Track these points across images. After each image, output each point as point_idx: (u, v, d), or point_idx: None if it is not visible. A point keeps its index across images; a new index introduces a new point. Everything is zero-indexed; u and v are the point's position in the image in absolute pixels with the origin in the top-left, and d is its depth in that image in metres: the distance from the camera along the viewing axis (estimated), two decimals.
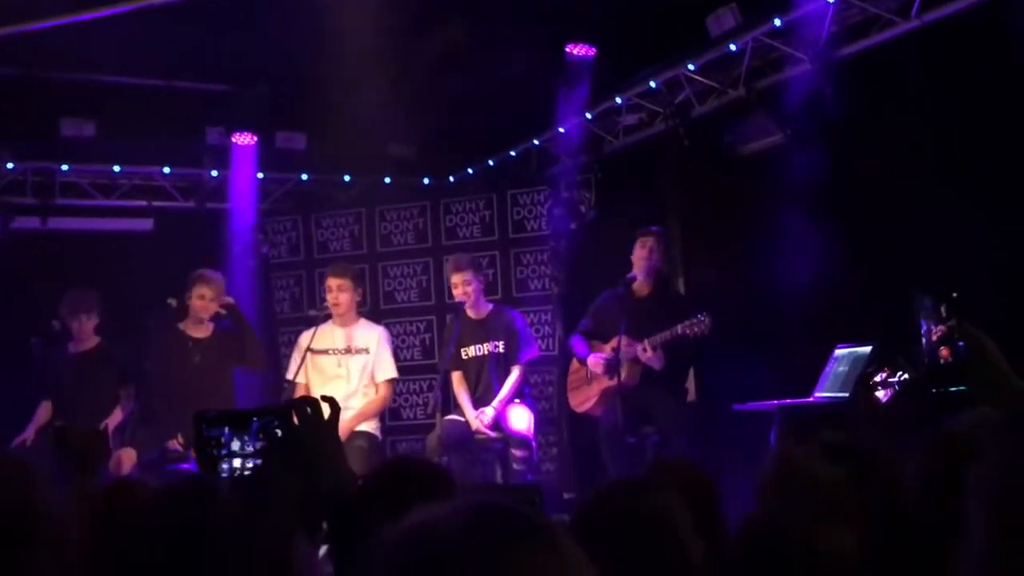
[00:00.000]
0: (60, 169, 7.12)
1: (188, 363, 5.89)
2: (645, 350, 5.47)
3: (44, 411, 6.03)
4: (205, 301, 5.92)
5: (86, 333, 6.09)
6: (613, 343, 5.58)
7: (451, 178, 8.01)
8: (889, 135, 5.33)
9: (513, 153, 7.58)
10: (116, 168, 7.26)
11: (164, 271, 6.41)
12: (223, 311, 5.97)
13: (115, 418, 5.95)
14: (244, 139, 7.19)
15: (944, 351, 4.23)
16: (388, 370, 6.09)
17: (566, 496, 6.54)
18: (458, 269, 5.99)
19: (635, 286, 5.74)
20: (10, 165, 6.94)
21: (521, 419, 5.86)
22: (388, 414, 7.23)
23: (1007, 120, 4.79)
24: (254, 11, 5.83)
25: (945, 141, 5.07)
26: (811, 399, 4.94)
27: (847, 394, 4.61)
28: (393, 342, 6.45)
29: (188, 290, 5.93)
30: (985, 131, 4.90)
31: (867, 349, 4.73)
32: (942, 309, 4.21)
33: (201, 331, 6.01)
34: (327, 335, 6.05)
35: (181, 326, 6.00)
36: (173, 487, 1.65)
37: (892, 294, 4.87)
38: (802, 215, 5.28)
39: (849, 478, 1.66)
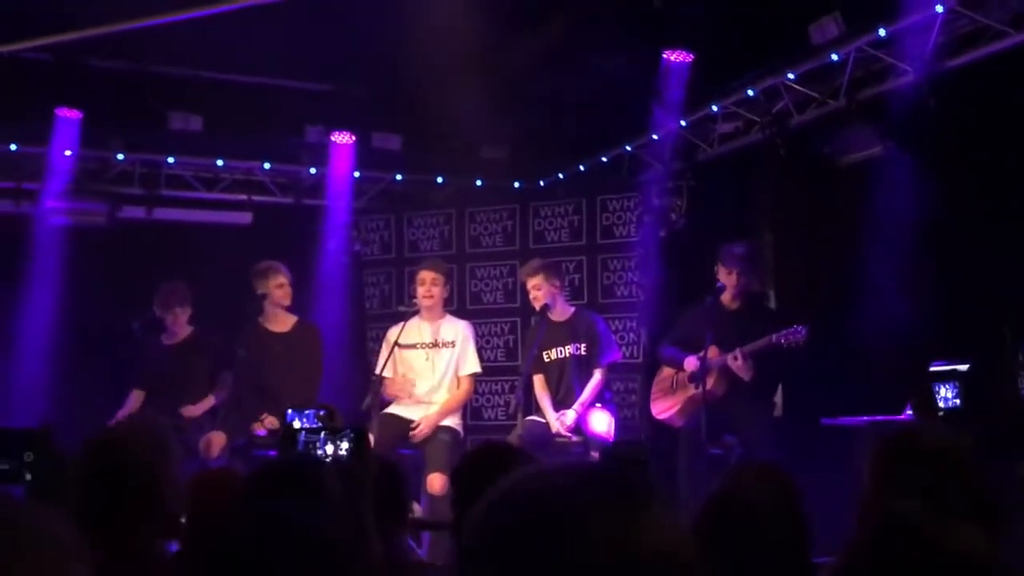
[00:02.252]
0: (167, 161, 7.36)
1: (271, 355, 6.04)
2: (736, 358, 5.41)
3: (135, 400, 6.20)
4: (286, 288, 6.08)
5: (179, 325, 6.27)
6: (701, 353, 5.53)
7: (542, 182, 8.04)
8: (995, 152, 5.17)
9: (605, 159, 7.57)
10: (219, 162, 7.49)
11: (251, 269, 6.59)
12: None
13: (207, 403, 6.13)
14: (342, 138, 7.35)
15: None
16: (472, 365, 6.16)
17: None
18: (529, 274, 6.05)
19: (724, 299, 5.68)
20: (120, 156, 7.21)
21: (602, 422, 5.85)
22: (470, 413, 7.29)
23: None
24: (354, 12, 5.95)
25: None
26: (903, 416, 4.82)
27: (958, 403, 4.49)
28: (477, 337, 6.51)
29: (263, 282, 6.06)
30: None
31: (964, 367, 4.59)
32: None
33: (281, 324, 6.15)
34: (414, 330, 6.14)
35: (261, 320, 6.14)
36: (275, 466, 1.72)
37: (986, 316, 4.71)
38: (900, 230, 5.16)
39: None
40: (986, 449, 2.42)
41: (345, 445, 1.92)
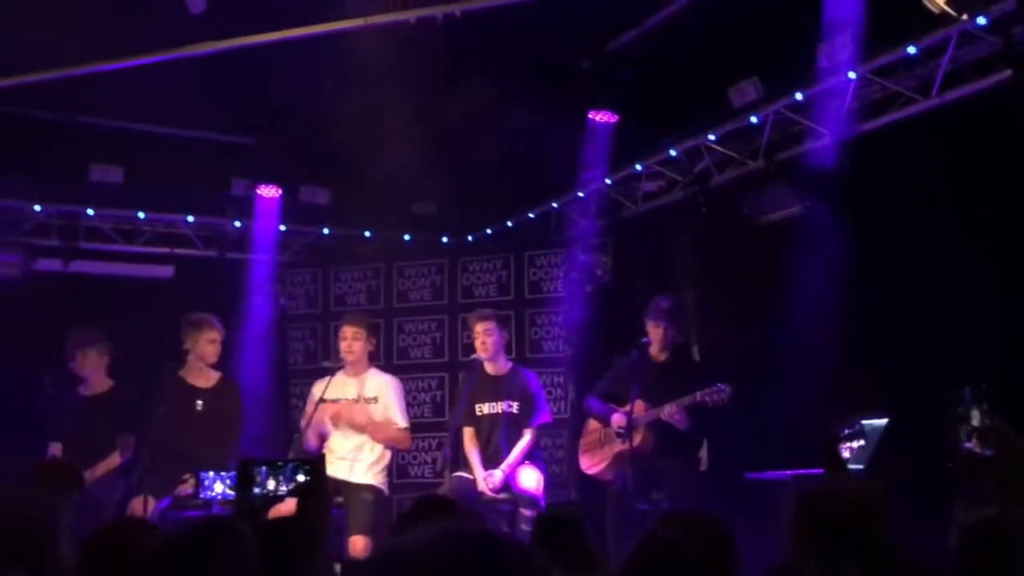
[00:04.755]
0: (86, 213, 7.22)
1: (191, 411, 5.89)
2: (672, 412, 5.43)
3: (55, 454, 6.00)
4: (216, 345, 5.96)
5: (98, 375, 6.10)
6: (627, 407, 5.57)
7: (470, 237, 8.08)
8: (908, 211, 5.37)
9: (532, 215, 7.66)
10: (141, 215, 7.37)
11: (182, 318, 6.46)
12: None
13: (110, 463, 5.91)
14: (269, 191, 7.30)
15: (976, 444, 4.18)
16: (399, 420, 6.04)
17: None
18: (482, 319, 6.02)
19: (652, 351, 5.75)
20: (37, 207, 7.05)
21: (531, 479, 5.82)
22: (396, 471, 7.19)
23: None
24: (283, 66, 5.96)
25: (967, 219, 5.10)
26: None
27: (862, 467, 4.57)
28: (404, 390, 6.39)
29: (192, 335, 5.95)
30: (1008, 210, 4.93)
31: (883, 422, 4.70)
32: (978, 403, 4.17)
33: (204, 380, 6.03)
34: (339, 385, 6.05)
35: (182, 374, 6.01)
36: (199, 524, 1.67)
37: (909, 368, 4.85)
38: (818, 286, 5.30)
39: None
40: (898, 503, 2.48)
41: (301, 477, 1.94)
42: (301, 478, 1.97)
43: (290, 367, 7.91)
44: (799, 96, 5.64)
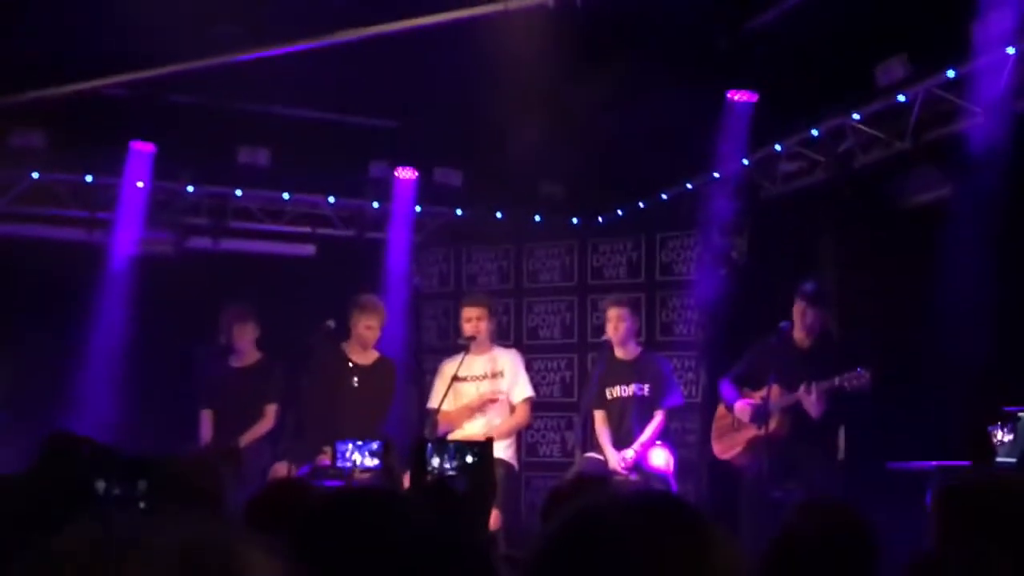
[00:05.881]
0: (234, 194, 7.54)
1: (345, 385, 6.11)
2: (809, 392, 5.33)
3: (206, 420, 6.35)
4: (373, 331, 6.16)
5: (247, 347, 6.40)
6: (763, 392, 5.48)
7: (600, 219, 8.07)
8: None
9: (665, 196, 7.58)
10: (285, 196, 7.64)
11: (323, 295, 6.73)
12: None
13: (258, 430, 6.22)
14: (405, 173, 7.47)
15: None
16: (524, 390, 6.16)
17: None
18: (615, 304, 6.05)
19: (796, 336, 5.63)
20: (190, 188, 7.40)
21: (661, 458, 5.84)
22: (525, 449, 7.29)
23: None
24: (418, 51, 6.08)
25: None
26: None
27: (1013, 460, 4.39)
28: (528, 367, 6.48)
29: (354, 316, 6.16)
30: None
31: None
32: None
33: (364, 357, 6.24)
34: (469, 363, 6.17)
35: (345, 347, 6.24)
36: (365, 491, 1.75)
37: None
38: (968, 273, 5.08)
39: None
40: None
41: (470, 459, 2.03)
42: (469, 459, 2.05)
43: (423, 344, 8.08)
44: (951, 73, 5.39)
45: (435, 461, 2.06)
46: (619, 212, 7.95)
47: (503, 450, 6.07)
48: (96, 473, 2.12)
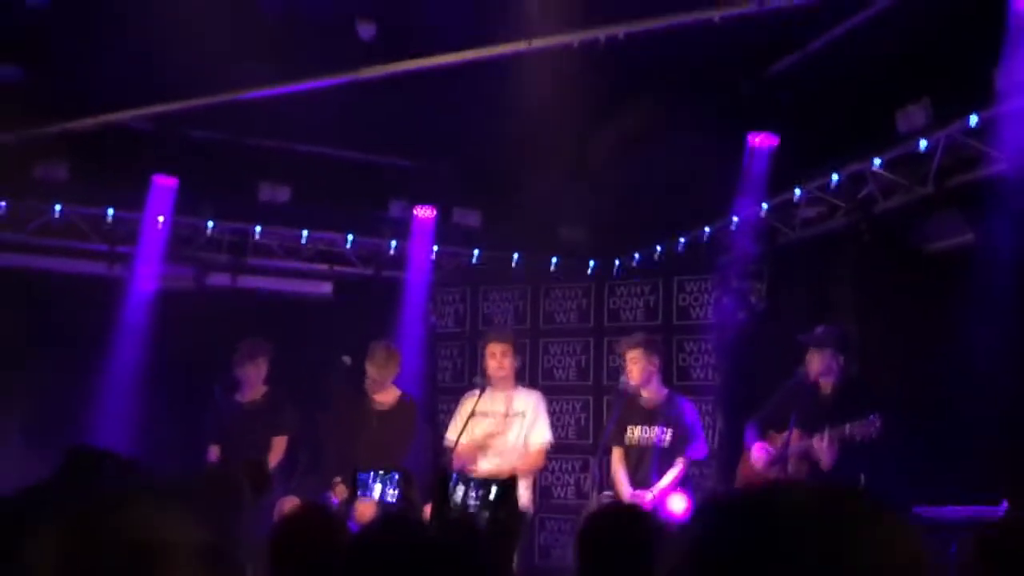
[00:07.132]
0: (254, 230, 7.57)
1: (367, 426, 6.07)
2: (822, 439, 5.25)
3: (213, 456, 6.30)
4: (373, 382, 6.14)
5: (255, 382, 6.37)
6: (784, 435, 5.41)
7: (617, 261, 8.05)
8: None
9: (683, 240, 7.57)
10: (304, 233, 7.66)
11: (340, 333, 6.71)
12: None
13: (270, 461, 6.17)
14: (424, 212, 7.48)
15: None
16: (543, 434, 6.05)
17: None
18: (630, 346, 5.98)
19: (819, 381, 5.55)
20: (210, 223, 7.43)
21: (679, 505, 5.73)
22: (539, 492, 7.20)
23: None
24: (441, 92, 6.12)
25: None
26: (1000, 508, 4.62)
27: None
28: (548, 407, 6.41)
29: (368, 358, 6.13)
30: None
31: None
32: None
33: (385, 395, 6.21)
34: (488, 400, 6.11)
35: (367, 387, 6.19)
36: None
37: None
38: (992, 319, 5.03)
39: None
40: None
41: (493, 492, 1.98)
42: (493, 494, 2.01)
43: (438, 384, 8.04)
44: (974, 119, 5.39)
45: (459, 492, 2.02)
46: (636, 256, 7.93)
47: (521, 491, 5.99)
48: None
